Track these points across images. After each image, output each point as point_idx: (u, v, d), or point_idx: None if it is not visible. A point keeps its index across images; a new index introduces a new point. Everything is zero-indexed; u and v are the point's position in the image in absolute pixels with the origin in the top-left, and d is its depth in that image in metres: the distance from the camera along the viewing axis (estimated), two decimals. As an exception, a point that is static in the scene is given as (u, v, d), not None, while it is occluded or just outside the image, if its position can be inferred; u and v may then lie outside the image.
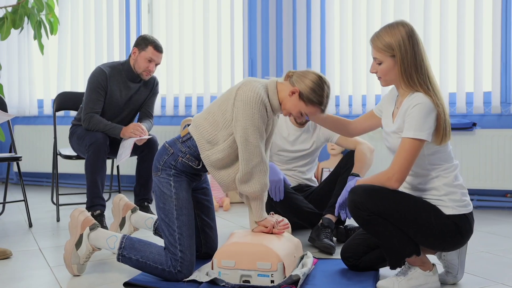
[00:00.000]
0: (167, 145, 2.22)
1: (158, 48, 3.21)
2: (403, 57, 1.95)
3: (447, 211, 1.96)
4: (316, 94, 2.12)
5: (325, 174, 4.07)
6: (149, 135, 3.20)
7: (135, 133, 3.07)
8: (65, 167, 4.65)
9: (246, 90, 2.08)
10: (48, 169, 4.81)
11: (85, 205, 3.13)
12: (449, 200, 1.97)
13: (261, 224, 2.20)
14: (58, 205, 3.49)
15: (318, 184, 3.12)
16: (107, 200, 3.79)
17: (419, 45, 1.97)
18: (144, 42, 3.20)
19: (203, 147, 2.15)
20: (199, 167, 2.20)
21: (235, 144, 2.12)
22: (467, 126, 3.72)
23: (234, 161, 2.16)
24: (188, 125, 2.27)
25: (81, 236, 2.23)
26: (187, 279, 2.09)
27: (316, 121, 2.32)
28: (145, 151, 3.21)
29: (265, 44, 4.39)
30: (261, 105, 2.07)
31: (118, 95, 3.24)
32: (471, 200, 3.74)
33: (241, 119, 2.06)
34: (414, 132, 1.91)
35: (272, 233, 2.21)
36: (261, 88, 2.10)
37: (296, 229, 2.95)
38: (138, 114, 3.43)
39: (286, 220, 2.40)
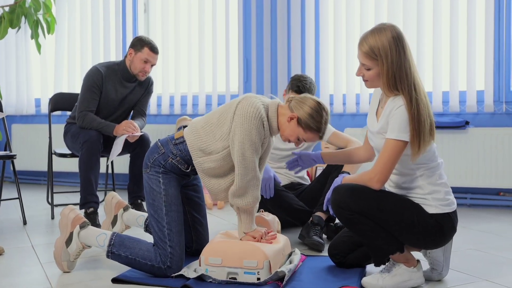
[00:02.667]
0: (159, 143, 2.23)
1: (154, 50, 3.24)
2: (388, 66, 1.93)
3: (430, 209, 1.98)
4: (315, 120, 2.13)
5: (319, 173, 4.09)
6: (141, 132, 3.23)
7: (127, 130, 3.10)
8: (61, 165, 4.68)
9: (246, 105, 2.09)
10: (45, 167, 4.85)
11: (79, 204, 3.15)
12: (433, 199, 1.99)
13: (250, 235, 2.20)
14: (53, 203, 3.52)
15: (310, 183, 3.14)
16: (102, 200, 3.81)
17: (405, 53, 1.95)
18: (140, 43, 3.23)
19: (195, 154, 2.17)
20: (187, 170, 2.22)
21: (228, 157, 2.13)
22: (460, 124, 3.74)
23: (226, 173, 2.17)
24: (184, 126, 2.29)
25: (71, 234, 2.26)
26: (176, 274, 2.12)
27: (328, 162, 2.41)
28: (137, 149, 3.24)
29: (259, 43, 4.41)
30: (259, 121, 2.08)
31: (114, 94, 3.27)
32: (464, 198, 3.82)
33: (238, 133, 2.07)
34: (397, 134, 1.92)
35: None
36: (261, 106, 2.11)
37: (286, 226, 2.98)
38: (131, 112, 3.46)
39: (276, 218, 2.42)
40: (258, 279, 2.04)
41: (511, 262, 2.39)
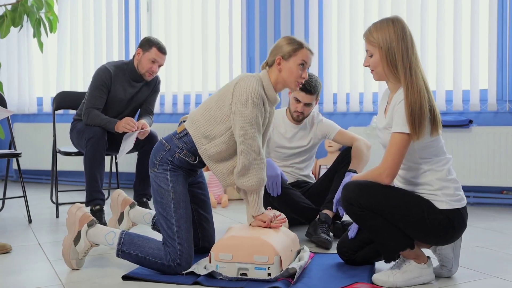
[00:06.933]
0: (164, 141, 2.25)
1: (162, 50, 3.26)
2: (388, 49, 1.99)
3: (441, 205, 1.99)
4: (293, 42, 2.24)
5: (323, 171, 4.09)
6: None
7: (126, 127, 3.09)
8: (64, 164, 4.67)
9: (244, 86, 2.12)
10: (48, 166, 4.82)
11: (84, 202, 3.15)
12: (443, 194, 1.99)
13: (259, 219, 2.23)
14: (57, 202, 3.51)
15: (315, 181, 3.14)
16: (106, 198, 3.81)
17: (405, 38, 2.00)
18: (148, 44, 3.24)
19: (200, 142, 2.19)
20: (195, 162, 2.23)
21: (232, 138, 2.16)
22: (463, 123, 3.75)
23: (232, 155, 2.20)
24: (184, 121, 2.30)
25: (79, 232, 2.25)
26: (186, 271, 2.12)
27: None
28: (145, 147, 3.25)
29: (263, 42, 4.42)
30: (259, 99, 2.12)
31: (122, 94, 3.28)
32: (468, 197, 3.83)
33: (239, 113, 2.10)
34: (401, 127, 1.94)
35: (269, 227, 2.24)
36: (257, 82, 2.15)
37: (293, 224, 2.97)
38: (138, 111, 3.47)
39: (283, 215, 2.42)
40: (269, 274, 2.04)
41: (519, 259, 2.41)
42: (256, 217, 2.23)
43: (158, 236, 2.30)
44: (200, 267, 2.15)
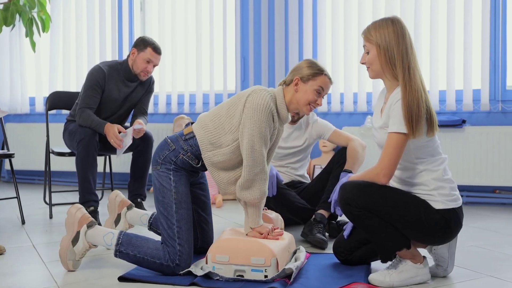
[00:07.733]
0: (169, 140, 2.23)
1: (156, 50, 3.25)
2: (387, 48, 2.01)
3: (437, 205, 2.00)
4: (314, 66, 2.26)
5: (317, 171, 4.10)
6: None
7: (113, 144, 3.07)
8: (57, 164, 4.64)
9: (256, 98, 2.12)
10: (40, 167, 4.80)
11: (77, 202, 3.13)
12: (439, 194, 2.00)
13: (256, 230, 2.21)
14: (50, 202, 3.49)
15: (310, 181, 3.15)
16: (100, 199, 3.79)
17: (404, 38, 2.01)
18: (143, 44, 3.24)
19: (205, 148, 2.18)
20: (198, 165, 2.22)
21: (238, 150, 2.15)
22: (456, 123, 3.78)
23: (235, 166, 2.19)
24: (192, 123, 2.30)
25: (78, 233, 2.24)
26: (184, 271, 2.11)
27: None
28: (140, 146, 3.24)
29: (257, 42, 4.42)
30: (269, 113, 2.12)
31: (117, 94, 3.27)
32: (461, 196, 3.83)
33: (248, 125, 2.10)
34: (397, 127, 1.95)
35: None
36: (270, 97, 2.15)
37: (289, 224, 2.98)
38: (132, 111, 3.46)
39: (279, 216, 2.43)
40: (266, 276, 2.04)
41: (513, 258, 2.43)
42: (254, 229, 2.21)
43: (156, 237, 2.29)
44: (197, 268, 2.14)
